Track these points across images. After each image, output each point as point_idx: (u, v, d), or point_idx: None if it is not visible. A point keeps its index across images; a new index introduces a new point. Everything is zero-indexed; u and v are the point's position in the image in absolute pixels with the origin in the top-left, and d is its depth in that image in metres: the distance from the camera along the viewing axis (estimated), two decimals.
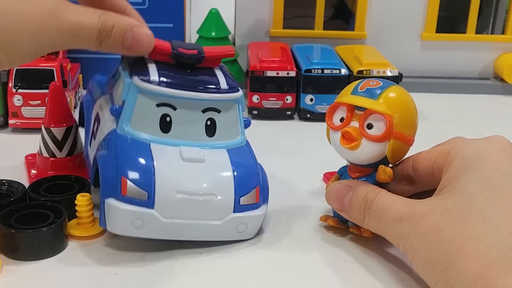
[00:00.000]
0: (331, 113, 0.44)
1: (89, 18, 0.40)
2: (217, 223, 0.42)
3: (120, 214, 0.40)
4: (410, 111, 0.43)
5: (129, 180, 0.40)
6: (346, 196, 0.43)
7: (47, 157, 0.53)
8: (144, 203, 0.40)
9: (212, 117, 0.44)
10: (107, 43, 0.41)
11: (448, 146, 0.41)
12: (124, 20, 0.41)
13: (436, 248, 0.36)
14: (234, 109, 0.45)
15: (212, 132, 0.45)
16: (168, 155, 0.42)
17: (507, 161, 0.38)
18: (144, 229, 0.41)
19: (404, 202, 0.40)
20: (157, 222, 0.41)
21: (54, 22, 0.38)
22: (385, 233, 0.41)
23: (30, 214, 0.44)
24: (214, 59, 0.46)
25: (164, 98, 0.43)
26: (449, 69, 0.86)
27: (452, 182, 0.38)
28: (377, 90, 0.42)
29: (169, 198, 0.41)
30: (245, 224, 0.43)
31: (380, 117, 0.42)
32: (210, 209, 0.42)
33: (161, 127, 0.43)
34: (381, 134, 0.42)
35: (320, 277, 0.41)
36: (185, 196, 0.41)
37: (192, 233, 0.42)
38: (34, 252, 0.42)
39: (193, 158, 0.42)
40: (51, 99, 0.52)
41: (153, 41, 0.43)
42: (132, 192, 0.40)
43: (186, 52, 0.44)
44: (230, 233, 0.43)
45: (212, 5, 0.77)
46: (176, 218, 0.41)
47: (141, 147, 0.42)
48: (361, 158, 0.43)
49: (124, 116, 0.43)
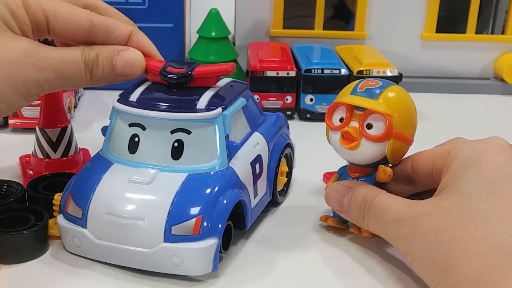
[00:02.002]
0: (330, 113, 0.44)
1: (71, 52, 0.40)
2: (147, 251, 0.39)
3: (62, 231, 0.42)
4: (409, 111, 0.43)
5: (72, 198, 0.41)
6: (345, 197, 0.43)
7: (42, 158, 0.52)
8: (79, 221, 0.41)
9: (180, 138, 0.42)
10: (97, 73, 0.41)
11: (447, 147, 0.41)
12: (109, 48, 0.42)
13: (436, 249, 0.36)
14: (210, 131, 0.42)
15: (178, 155, 0.42)
16: (120, 176, 0.41)
17: (506, 162, 0.38)
18: (81, 248, 0.42)
19: (403, 203, 0.40)
20: (90, 242, 0.41)
21: (31, 62, 0.38)
22: (384, 234, 0.41)
23: (10, 217, 0.43)
24: (209, 78, 0.44)
25: (135, 118, 0.43)
26: (449, 69, 0.86)
27: (451, 183, 0.38)
28: (376, 90, 0.42)
29: (99, 218, 0.40)
30: (178, 257, 0.39)
31: (380, 117, 0.42)
32: (139, 234, 0.39)
33: (129, 147, 0.43)
34: (380, 134, 0.42)
35: (320, 277, 0.41)
36: (112, 218, 0.40)
37: (126, 259, 0.40)
38: (16, 255, 0.41)
39: (138, 180, 0.41)
40: (45, 100, 0.52)
41: (142, 60, 0.43)
42: (72, 210, 0.41)
43: (171, 71, 0.43)
44: (164, 264, 0.39)
45: (212, 5, 0.77)
46: (107, 240, 0.40)
47: (101, 167, 0.42)
48: (361, 158, 0.43)
49: (106, 137, 0.44)
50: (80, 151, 0.55)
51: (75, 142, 0.54)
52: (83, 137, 0.57)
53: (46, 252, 0.43)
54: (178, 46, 0.76)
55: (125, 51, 0.42)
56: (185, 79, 0.43)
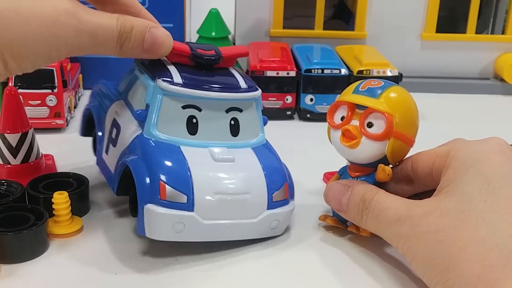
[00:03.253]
0: (332, 112, 0.45)
1: (108, 19, 0.39)
2: (253, 221, 0.42)
3: (161, 219, 0.40)
4: (411, 111, 0.43)
5: (167, 185, 0.40)
6: (344, 196, 0.43)
7: (2, 165, 0.51)
8: (184, 206, 0.40)
9: (235, 117, 0.45)
10: (127, 46, 0.40)
11: (446, 147, 0.41)
12: (142, 22, 0.41)
13: (436, 249, 0.36)
14: (253, 108, 0.46)
15: (236, 132, 0.45)
16: (200, 156, 0.42)
17: (505, 163, 0.38)
18: (184, 233, 0.41)
19: (402, 202, 0.40)
20: (198, 225, 0.41)
21: (72, 23, 0.37)
22: (383, 233, 0.41)
23: (10, 217, 0.43)
24: (230, 60, 0.46)
25: (189, 100, 0.43)
26: (449, 69, 0.86)
27: (450, 183, 0.38)
28: (378, 90, 0.43)
29: (208, 199, 0.41)
30: (277, 221, 0.44)
31: (381, 116, 0.42)
32: (247, 207, 0.42)
33: (188, 129, 0.43)
34: (381, 132, 0.42)
35: (319, 277, 0.41)
36: (223, 197, 0.41)
37: (231, 233, 0.43)
38: (16, 254, 0.41)
39: (224, 158, 0.43)
40: (5, 104, 0.50)
41: (171, 42, 0.42)
42: (172, 196, 0.40)
43: (205, 53, 0.44)
44: (265, 230, 0.44)
45: (212, 5, 0.77)
46: (216, 219, 0.41)
47: (173, 150, 0.42)
48: (361, 157, 0.43)
49: (150, 120, 0.43)
50: (43, 156, 0.53)
51: (36, 147, 0.52)
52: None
53: (46, 251, 0.43)
54: None
55: (157, 29, 0.41)
56: (217, 61, 0.45)
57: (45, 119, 0.63)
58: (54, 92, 0.62)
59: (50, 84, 0.62)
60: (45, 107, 0.62)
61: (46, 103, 0.62)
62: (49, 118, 0.63)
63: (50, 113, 0.63)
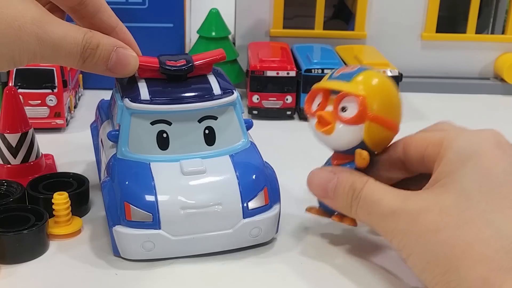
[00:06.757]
0: (309, 101, 0.43)
1: (74, 33, 0.39)
2: (229, 231, 0.42)
3: (130, 239, 0.40)
4: (388, 94, 0.42)
5: (131, 205, 0.40)
6: (330, 183, 0.42)
7: (2, 165, 0.51)
8: (150, 225, 0.40)
9: (210, 125, 0.44)
10: (90, 62, 0.40)
11: (439, 135, 0.40)
12: (110, 40, 0.41)
13: (436, 250, 0.35)
14: (231, 113, 0.45)
15: (211, 141, 0.44)
16: (169, 172, 0.42)
17: (503, 157, 0.37)
18: (156, 250, 0.41)
19: (395, 194, 0.38)
20: (167, 241, 0.41)
21: (36, 31, 0.37)
22: (375, 226, 0.39)
23: (10, 217, 0.43)
24: (205, 66, 0.45)
25: (158, 115, 0.43)
26: (449, 69, 0.86)
27: (447, 176, 0.37)
28: (351, 74, 0.41)
29: (174, 215, 0.40)
30: (258, 228, 0.43)
31: (354, 99, 0.40)
32: (219, 219, 0.41)
33: (159, 144, 0.43)
34: (353, 115, 0.40)
35: (319, 277, 0.41)
36: (190, 211, 0.41)
37: (205, 246, 0.42)
38: (16, 255, 0.41)
39: (193, 170, 0.42)
40: (5, 104, 0.50)
41: (137, 63, 0.42)
42: (137, 216, 0.40)
43: (174, 65, 0.43)
44: (244, 239, 0.43)
45: (212, 5, 0.77)
46: (186, 234, 0.41)
47: (141, 169, 0.42)
48: (338, 143, 0.42)
49: (122, 140, 0.43)
50: (42, 156, 0.53)
51: (36, 147, 0.52)
52: (83, 136, 0.58)
53: (46, 252, 0.43)
54: (178, 46, 0.76)
55: (124, 50, 0.41)
56: (189, 70, 0.44)
57: (45, 119, 0.63)
58: (54, 92, 0.62)
59: (50, 84, 0.62)
60: (45, 107, 0.62)
61: (46, 103, 0.62)
62: (49, 118, 0.63)
63: (50, 113, 0.63)
